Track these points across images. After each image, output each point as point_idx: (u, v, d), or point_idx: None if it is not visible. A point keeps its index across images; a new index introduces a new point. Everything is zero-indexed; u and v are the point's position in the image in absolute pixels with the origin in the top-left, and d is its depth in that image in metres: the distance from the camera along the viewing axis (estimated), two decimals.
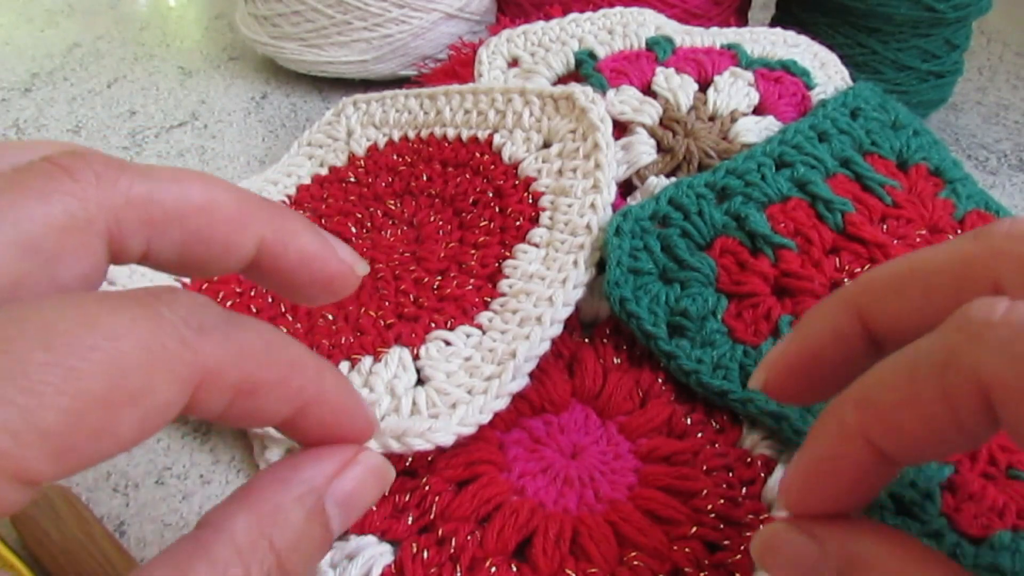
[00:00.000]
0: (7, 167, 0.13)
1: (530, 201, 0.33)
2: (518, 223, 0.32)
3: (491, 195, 0.34)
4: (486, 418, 0.26)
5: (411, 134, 0.39)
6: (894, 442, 0.15)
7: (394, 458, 0.26)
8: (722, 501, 0.24)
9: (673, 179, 0.33)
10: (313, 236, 0.16)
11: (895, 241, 0.31)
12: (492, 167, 0.35)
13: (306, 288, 0.16)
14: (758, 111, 0.37)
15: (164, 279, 0.32)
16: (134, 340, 0.11)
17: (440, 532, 0.24)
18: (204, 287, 0.33)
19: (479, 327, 0.29)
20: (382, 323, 0.30)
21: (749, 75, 0.38)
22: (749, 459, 0.26)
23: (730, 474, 0.26)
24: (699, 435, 0.27)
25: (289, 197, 0.38)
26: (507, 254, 0.31)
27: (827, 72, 0.41)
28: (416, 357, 0.28)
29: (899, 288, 0.16)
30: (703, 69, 0.38)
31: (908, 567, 0.15)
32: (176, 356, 0.12)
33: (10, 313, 0.11)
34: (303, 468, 0.15)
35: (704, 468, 0.25)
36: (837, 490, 0.17)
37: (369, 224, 0.36)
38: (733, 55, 0.40)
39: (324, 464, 0.15)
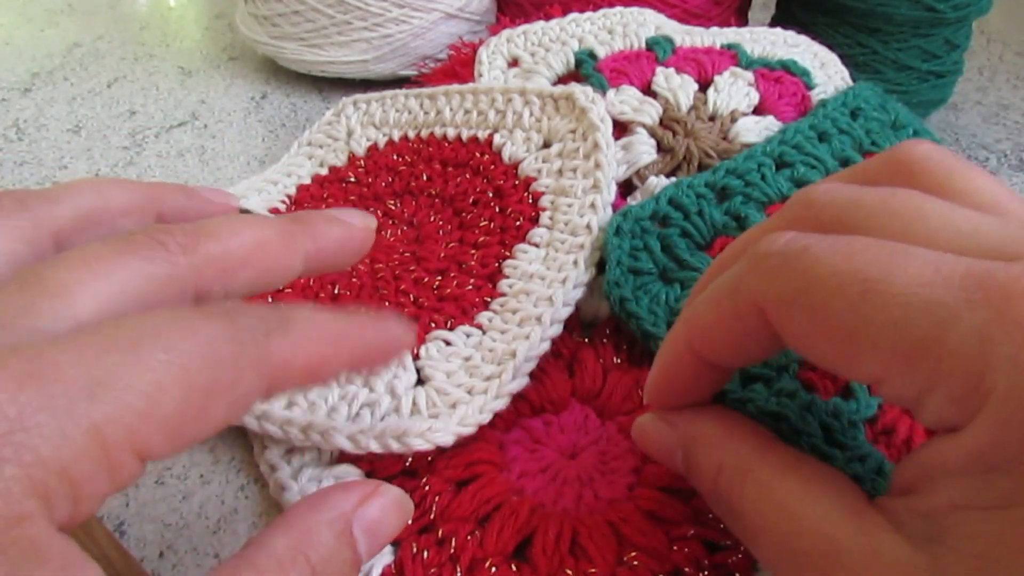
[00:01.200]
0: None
1: (530, 201, 0.33)
2: (518, 223, 0.32)
3: (491, 195, 0.34)
4: (486, 418, 0.26)
5: (411, 134, 0.39)
6: (710, 352, 0.19)
7: (394, 458, 0.26)
8: None
9: (673, 179, 0.33)
10: (336, 226, 0.19)
11: None
12: (492, 167, 0.35)
13: (343, 261, 0.20)
14: (758, 111, 0.37)
15: None
16: (225, 343, 0.14)
17: (440, 532, 0.24)
18: None
19: (479, 327, 0.29)
20: None
21: (749, 75, 0.38)
22: None
23: None
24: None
25: (289, 197, 0.38)
26: (507, 254, 0.31)
27: (827, 72, 0.41)
28: (416, 357, 0.28)
29: (711, 328, 0.19)
30: (703, 69, 0.38)
31: (731, 438, 0.19)
32: (254, 355, 0.14)
33: (131, 323, 0.13)
34: (332, 497, 0.17)
35: None
36: (679, 388, 0.21)
37: None
38: (733, 55, 0.40)
39: (351, 494, 0.17)
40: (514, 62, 0.41)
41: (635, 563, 0.23)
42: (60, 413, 0.12)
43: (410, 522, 0.24)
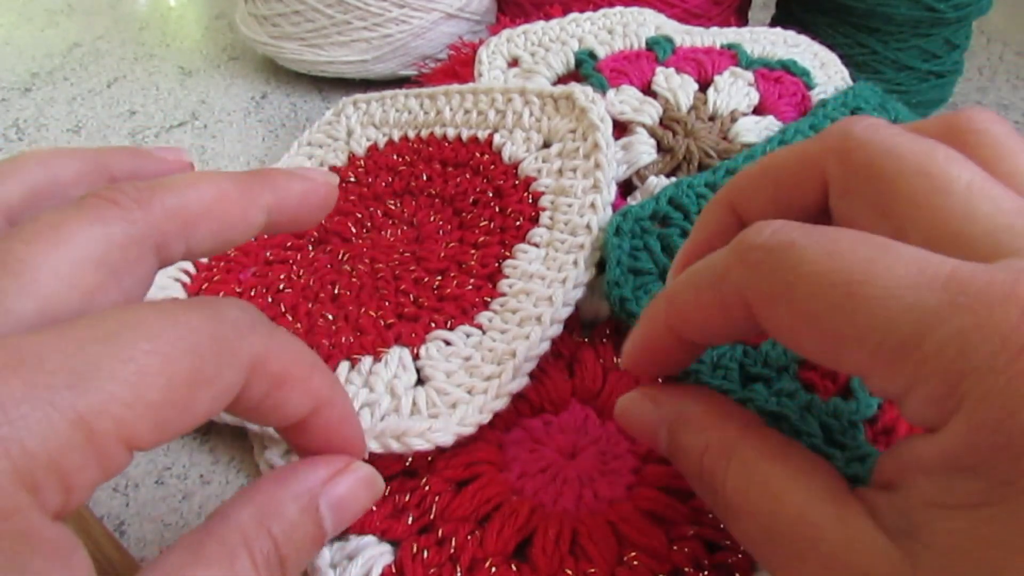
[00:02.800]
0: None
1: (530, 201, 0.33)
2: (518, 223, 0.32)
3: (491, 195, 0.34)
4: (486, 418, 0.26)
5: (411, 134, 0.39)
6: (689, 332, 0.19)
7: (394, 458, 0.26)
8: None
9: (673, 179, 0.33)
10: (296, 180, 0.19)
11: None
12: (492, 167, 0.35)
13: (306, 217, 0.19)
14: (758, 111, 0.37)
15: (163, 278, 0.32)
16: (207, 333, 0.14)
17: (440, 532, 0.24)
18: (205, 287, 0.33)
19: (479, 327, 0.29)
20: (382, 323, 0.30)
21: (749, 75, 0.38)
22: None
23: None
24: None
25: None
26: (507, 254, 0.31)
27: (827, 72, 0.41)
28: (416, 357, 0.28)
29: (758, 185, 0.19)
30: (703, 69, 0.38)
31: (717, 419, 0.19)
32: (236, 346, 0.14)
33: (113, 315, 0.13)
34: (300, 472, 0.17)
35: None
36: (657, 359, 0.21)
37: (369, 224, 0.36)
38: (733, 55, 0.40)
39: (319, 470, 0.17)
40: (514, 62, 0.41)
41: (635, 563, 0.23)
42: (45, 404, 0.12)
43: (410, 521, 0.24)
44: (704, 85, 0.38)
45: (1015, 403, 0.12)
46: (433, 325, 0.29)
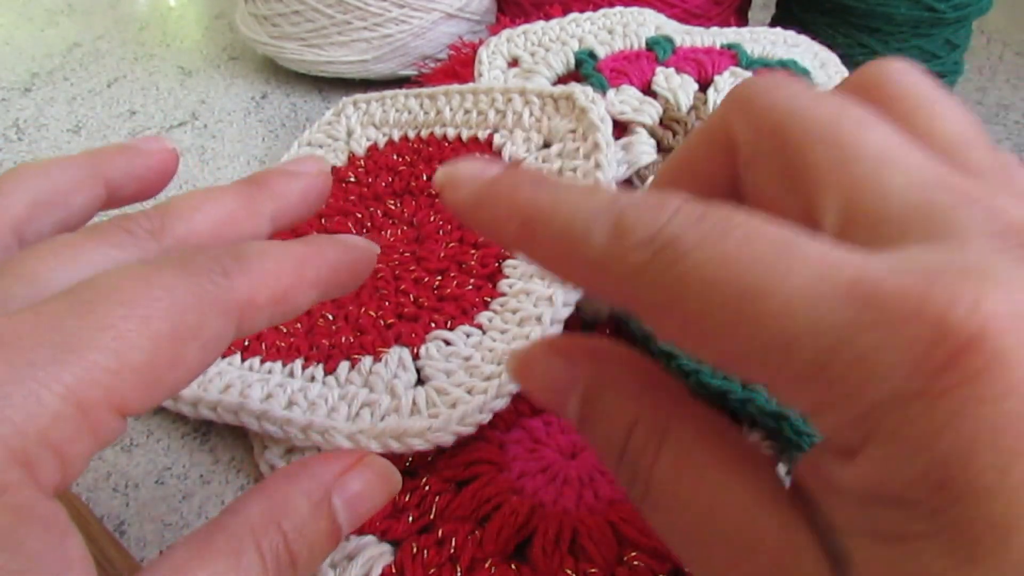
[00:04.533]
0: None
1: None
2: None
3: None
4: (486, 418, 0.26)
5: (411, 134, 0.39)
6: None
7: (394, 458, 0.26)
8: None
9: None
10: (294, 180, 0.19)
11: None
12: None
13: (307, 212, 0.20)
14: None
15: None
16: (183, 288, 0.14)
17: (440, 532, 0.24)
18: None
19: (479, 327, 0.29)
20: (382, 323, 0.30)
21: (749, 75, 0.38)
22: None
23: None
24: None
25: None
26: (507, 254, 0.31)
27: (827, 72, 0.41)
28: (416, 357, 0.28)
29: (677, 170, 0.18)
30: (703, 69, 0.38)
31: (650, 389, 0.16)
32: (215, 295, 0.15)
33: (84, 286, 0.14)
34: (311, 467, 0.17)
35: None
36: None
37: (369, 224, 0.36)
38: (733, 55, 0.40)
39: (331, 464, 0.17)
40: (514, 62, 0.41)
41: (635, 563, 0.23)
42: (29, 381, 0.12)
43: (410, 521, 0.24)
44: (704, 85, 0.38)
45: (932, 430, 0.11)
46: (433, 325, 0.29)
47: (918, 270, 0.11)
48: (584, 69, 0.38)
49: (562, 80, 0.39)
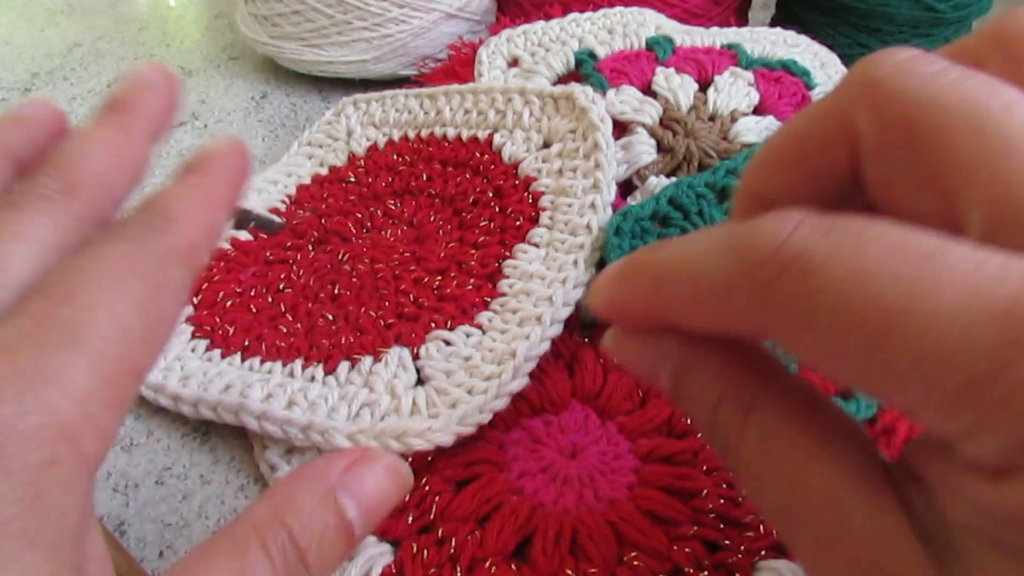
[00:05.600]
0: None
1: (530, 201, 0.33)
2: (518, 223, 0.32)
3: (491, 195, 0.34)
4: (486, 418, 0.26)
5: (411, 134, 0.39)
6: (677, 321, 0.16)
7: None
8: (722, 501, 0.24)
9: (673, 179, 0.33)
10: (152, 94, 0.20)
11: None
12: (492, 167, 0.35)
13: (172, 116, 0.20)
14: (758, 111, 0.37)
15: None
16: (136, 254, 0.15)
17: (440, 532, 0.24)
18: (205, 287, 0.33)
19: (479, 327, 0.29)
20: (382, 323, 0.30)
21: (749, 75, 0.38)
22: None
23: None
24: (699, 435, 0.27)
25: (289, 197, 0.38)
26: (507, 254, 0.31)
27: (827, 72, 0.41)
28: (416, 357, 0.28)
29: (779, 161, 0.16)
30: (703, 69, 0.38)
31: (735, 368, 0.15)
32: (164, 249, 0.16)
33: (54, 279, 0.14)
34: (314, 465, 0.17)
35: (704, 468, 0.25)
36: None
37: (369, 224, 0.35)
38: (733, 55, 0.40)
39: (336, 462, 0.17)
40: (514, 62, 0.41)
41: (635, 563, 0.23)
42: (55, 365, 0.13)
43: (410, 521, 0.24)
44: (704, 85, 0.38)
45: None
46: (433, 325, 0.29)
47: None
48: (584, 69, 0.38)
49: (562, 80, 0.39)
